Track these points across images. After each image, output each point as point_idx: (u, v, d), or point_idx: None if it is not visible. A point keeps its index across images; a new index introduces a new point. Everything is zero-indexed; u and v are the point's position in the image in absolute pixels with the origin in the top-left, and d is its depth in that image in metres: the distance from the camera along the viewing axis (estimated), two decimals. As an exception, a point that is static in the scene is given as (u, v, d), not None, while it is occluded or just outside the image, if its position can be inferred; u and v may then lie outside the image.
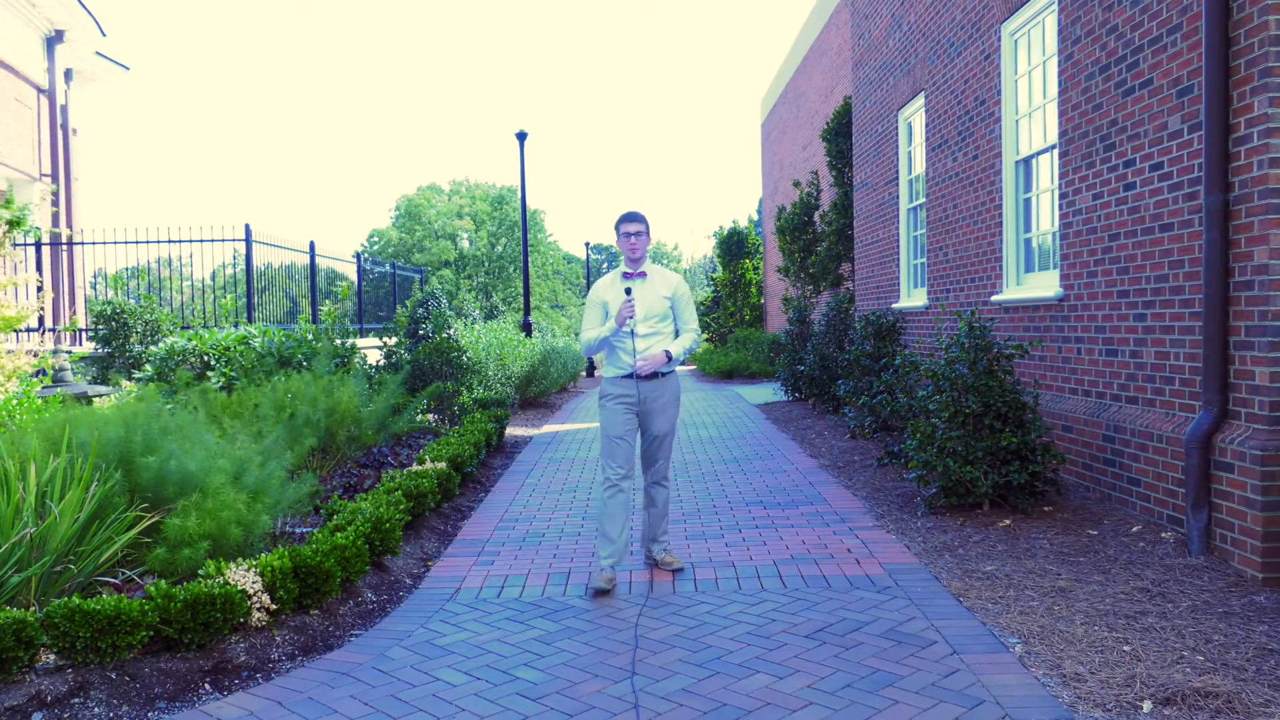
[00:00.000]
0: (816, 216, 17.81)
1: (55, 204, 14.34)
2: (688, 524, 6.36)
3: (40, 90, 14.41)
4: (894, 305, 11.49)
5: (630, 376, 5.13)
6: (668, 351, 5.14)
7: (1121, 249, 6.16)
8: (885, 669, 3.78)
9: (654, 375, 5.14)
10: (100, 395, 8.68)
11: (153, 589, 3.92)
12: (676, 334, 5.28)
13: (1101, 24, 6.37)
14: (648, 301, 5.16)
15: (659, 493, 5.34)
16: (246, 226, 12.63)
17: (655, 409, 5.16)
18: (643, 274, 5.22)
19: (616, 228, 5.22)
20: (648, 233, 5.22)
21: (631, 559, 5.50)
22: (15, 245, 9.90)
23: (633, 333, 5.11)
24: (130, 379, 10.10)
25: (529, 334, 18.30)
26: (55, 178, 14.65)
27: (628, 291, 5.11)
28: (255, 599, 4.16)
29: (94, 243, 13.50)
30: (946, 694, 3.53)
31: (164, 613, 3.85)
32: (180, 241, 12.93)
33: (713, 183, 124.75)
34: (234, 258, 13.75)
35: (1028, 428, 6.15)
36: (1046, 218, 7.69)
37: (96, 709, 3.59)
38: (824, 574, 5.12)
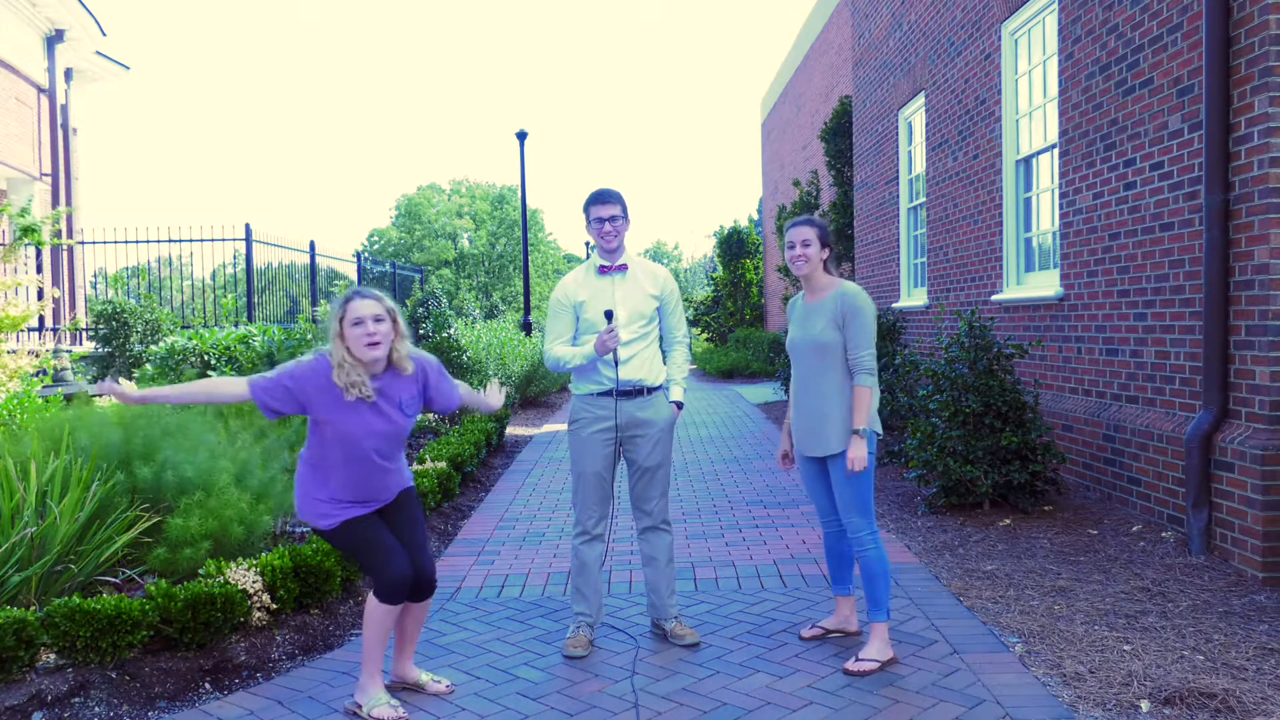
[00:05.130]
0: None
1: (55, 206, 14.33)
2: (688, 524, 6.36)
3: (40, 90, 14.41)
4: (894, 305, 11.49)
5: (609, 394, 4.11)
6: (679, 404, 4.26)
7: (1122, 248, 6.16)
8: (885, 668, 3.78)
9: (639, 391, 4.13)
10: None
11: (153, 588, 3.92)
12: (661, 338, 4.35)
13: (1102, 23, 6.37)
14: (631, 302, 4.16)
15: (658, 540, 4.23)
16: (247, 226, 12.64)
17: (641, 434, 4.14)
18: (622, 267, 4.17)
19: (586, 210, 4.15)
20: (626, 216, 4.15)
21: (632, 559, 5.50)
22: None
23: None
24: (131, 378, 10.11)
25: (529, 333, 18.30)
26: (55, 177, 14.66)
27: (609, 316, 4.02)
28: (256, 598, 4.16)
29: (94, 242, 13.51)
30: (947, 693, 3.53)
31: (164, 612, 3.85)
32: (180, 241, 12.95)
33: (713, 183, 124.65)
34: (234, 257, 13.77)
35: (1028, 427, 6.15)
36: (1047, 217, 7.69)
37: (97, 708, 3.59)
38: (824, 573, 5.12)
